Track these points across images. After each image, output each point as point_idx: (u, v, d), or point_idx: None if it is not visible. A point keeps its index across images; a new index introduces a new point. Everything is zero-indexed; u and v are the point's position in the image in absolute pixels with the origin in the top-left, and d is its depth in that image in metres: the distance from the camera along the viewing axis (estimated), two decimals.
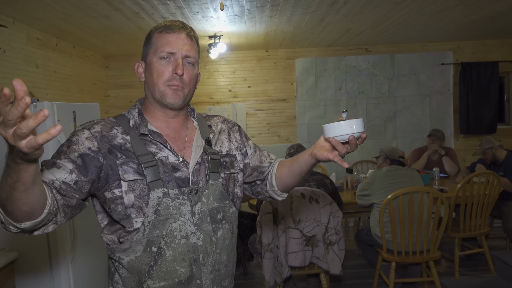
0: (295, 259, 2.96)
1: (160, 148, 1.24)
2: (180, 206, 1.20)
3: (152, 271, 1.19)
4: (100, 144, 1.19)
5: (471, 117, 5.64)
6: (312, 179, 3.14)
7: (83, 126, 1.22)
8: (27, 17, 3.49)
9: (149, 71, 1.27)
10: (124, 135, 1.23)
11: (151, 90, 1.27)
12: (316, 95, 5.75)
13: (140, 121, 1.27)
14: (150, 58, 1.27)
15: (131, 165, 1.19)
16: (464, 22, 4.50)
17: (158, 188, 1.18)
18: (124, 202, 1.18)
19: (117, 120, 1.27)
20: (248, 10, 3.61)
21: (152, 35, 1.29)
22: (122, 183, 1.18)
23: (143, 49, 1.31)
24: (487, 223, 3.77)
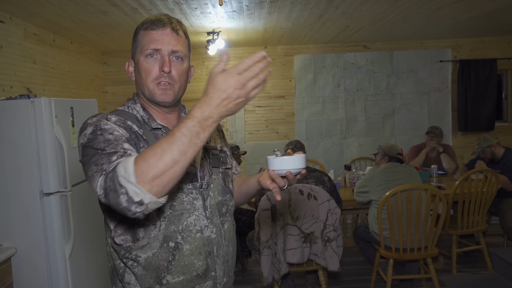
0: (293, 256, 2.96)
1: None
2: (193, 200, 1.22)
3: (171, 266, 1.18)
4: (127, 131, 1.16)
5: (469, 114, 5.64)
6: (310, 176, 3.14)
7: (99, 117, 1.16)
8: (24, 12, 3.47)
9: (138, 70, 1.25)
10: (138, 129, 1.20)
11: (141, 89, 1.26)
12: (315, 92, 5.75)
13: (148, 116, 1.25)
14: (138, 56, 1.24)
15: None
16: (462, 19, 4.49)
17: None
18: None
19: (122, 115, 1.22)
20: (246, 6, 3.60)
21: (138, 32, 1.26)
22: None
23: (132, 47, 1.29)
24: (484, 220, 3.79)
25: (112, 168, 0.99)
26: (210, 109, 0.93)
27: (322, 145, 5.79)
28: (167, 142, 0.94)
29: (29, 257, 2.74)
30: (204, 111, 0.93)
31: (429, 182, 4.14)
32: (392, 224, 3.13)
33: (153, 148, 0.95)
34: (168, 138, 0.95)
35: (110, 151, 1.05)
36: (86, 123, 1.17)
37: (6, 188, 2.72)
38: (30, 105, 2.69)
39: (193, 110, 0.95)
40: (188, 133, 0.93)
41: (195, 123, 0.93)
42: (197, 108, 0.94)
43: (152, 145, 0.97)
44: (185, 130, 0.93)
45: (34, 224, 2.72)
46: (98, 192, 1.02)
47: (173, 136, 0.94)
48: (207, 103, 0.93)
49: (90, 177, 1.06)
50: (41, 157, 2.68)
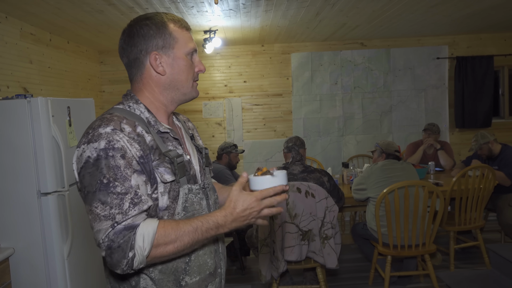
0: (292, 254, 2.97)
1: (175, 145, 1.24)
2: (200, 201, 1.25)
3: (188, 267, 1.21)
4: (141, 146, 1.12)
5: (466, 111, 5.65)
6: (310, 177, 3.14)
7: (112, 127, 1.10)
8: (20, 12, 3.46)
9: (177, 67, 1.23)
10: (146, 133, 1.16)
11: (177, 86, 1.24)
12: (312, 90, 5.75)
13: (155, 118, 1.22)
14: (179, 53, 1.22)
15: (167, 165, 1.16)
16: (459, 16, 4.50)
17: (184, 184, 1.21)
18: (159, 205, 1.15)
19: (127, 116, 1.18)
20: (243, 4, 3.59)
21: (170, 27, 1.22)
22: (159, 185, 1.14)
23: (155, 38, 1.21)
24: (482, 217, 3.80)
25: (128, 226, 1.04)
26: (231, 223, 1.12)
27: (319, 142, 5.79)
28: (189, 236, 1.09)
29: (27, 257, 2.74)
30: (226, 222, 1.12)
31: (427, 179, 4.15)
32: (390, 221, 3.14)
33: (177, 234, 1.07)
34: (191, 233, 1.09)
35: (120, 191, 1.05)
36: (97, 131, 1.10)
37: (3, 188, 2.71)
38: (26, 105, 2.68)
39: (219, 217, 1.12)
40: (206, 234, 1.11)
41: (215, 228, 1.11)
42: (223, 217, 1.11)
43: (176, 228, 1.08)
44: (206, 233, 1.11)
45: (32, 224, 2.72)
46: (100, 240, 1.03)
47: (195, 231, 1.09)
48: (233, 217, 1.12)
49: (94, 214, 1.05)
50: (38, 157, 2.68)
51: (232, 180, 3.98)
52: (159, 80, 1.23)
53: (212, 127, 5.77)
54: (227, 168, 4.11)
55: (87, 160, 1.07)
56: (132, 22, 1.25)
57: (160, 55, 1.21)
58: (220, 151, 4.19)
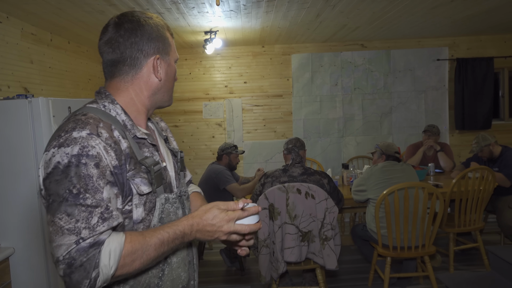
0: (291, 255, 2.97)
1: (152, 152, 1.16)
2: (176, 210, 1.19)
3: (161, 282, 1.14)
4: (117, 155, 1.03)
5: (466, 112, 5.66)
6: (310, 180, 3.14)
7: (88, 131, 1.00)
8: (21, 12, 3.46)
9: (169, 73, 1.21)
10: (123, 139, 1.08)
11: (164, 92, 1.21)
12: (312, 91, 5.75)
13: (132, 122, 1.14)
14: (171, 60, 1.21)
15: (143, 175, 1.08)
16: (459, 17, 4.50)
17: (161, 194, 1.14)
18: (133, 217, 1.07)
19: (102, 117, 1.08)
20: (244, 5, 3.60)
21: (166, 34, 1.20)
22: (134, 197, 1.07)
23: (156, 42, 1.16)
24: (481, 218, 3.80)
25: (93, 243, 0.94)
26: (196, 233, 1.06)
27: (319, 144, 5.79)
28: (155, 250, 1.02)
29: (27, 257, 2.74)
30: (192, 231, 1.06)
31: (426, 180, 4.15)
32: (390, 222, 3.14)
33: (143, 249, 1.00)
34: (158, 246, 1.02)
35: (90, 203, 0.95)
36: (71, 135, 0.99)
37: (3, 188, 2.72)
38: (27, 105, 2.69)
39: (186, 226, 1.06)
40: (172, 244, 1.05)
41: (181, 237, 1.06)
42: (189, 226, 1.06)
43: (143, 242, 1.00)
44: (172, 243, 1.05)
45: (32, 224, 2.72)
46: (60, 256, 0.92)
47: (161, 244, 1.02)
48: (199, 228, 1.06)
49: (57, 227, 0.94)
50: (39, 157, 2.68)
51: (232, 181, 3.98)
52: (153, 84, 1.17)
53: (212, 127, 5.78)
54: (227, 169, 4.11)
55: (56, 166, 0.97)
56: (132, 16, 1.15)
57: (160, 59, 1.17)
58: (220, 152, 4.19)
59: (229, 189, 3.95)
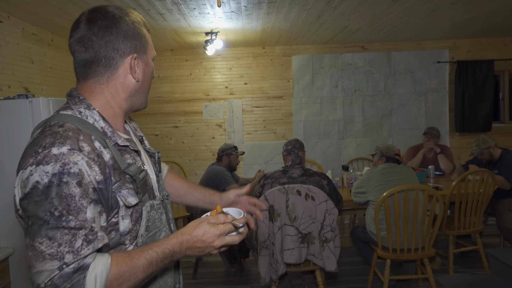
0: (291, 256, 2.97)
1: (133, 157, 1.10)
2: (161, 216, 1.15)
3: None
4: (101, 169, 0.96)
5: (466, 115, 5.66)
6: (309, 181, 3.14)
7: (69, 147, 0.92)
8: (22, 12, 3.46)
9: (147, 73, 1.12)
10: (104, 149, 1.00)
11: (141, 93, 1.13)
12: (313, 93, 5.76)
13: (111, 129, 1.06)
14: (149, 58, 1.12)
15: (129, 186, 1.02)
16: (460, 20, 4.51)
17: (146, 202, 1.08)
18: (120, 229, 1.02)
19: (81, 127, 1.00)
20: (245, 6, 3.60)
21: (143, 31, 1.11)
22: (121, 209, 1.01)
23: (136, 41, 1.08)
24: (481, 221, 3.80)
25: (77, 268, 0.87)
26: (186, 250, 1.02)
27: (320, 145, 5.79)
28: (144, 272, 0.96)
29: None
30: (181, 249, 1.02)
31: (426, 182, 4.15)
32: (390, 224, 3.14)
33: (131, 272, 0.94)
34: (146, 267, 0.96)
35: (74, 225, 0.88)
36: (50, 152, 0.90)
37: (3, 187, 2.72)
38: (28, 104, 2.69)
39: (175, 244, 1.01)
40: (161, 264, 1.00)
41: (170, 256, 1.01)
42: (179, 244, 1.01)
43: (130, 264, 0.94)
44: (161, 263, 0.99)
45: None
46: (42, 284, 0.85)
47: (150, 265, 0.97)
48: (189, 245, 1.02)
49: (37, 251, 0.86)
50: None
51: (232, 182, 3.98)
52: (130, 85, 1.09)
53: (213, 128, 5.78)
54: (227, 170, 4.11)
55: (35, 186, 0.89)
56: (106, 11, 1.07)
57: (137, 59, 1.09)
58: (220, 153, 4.19)
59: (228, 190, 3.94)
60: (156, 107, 5.72)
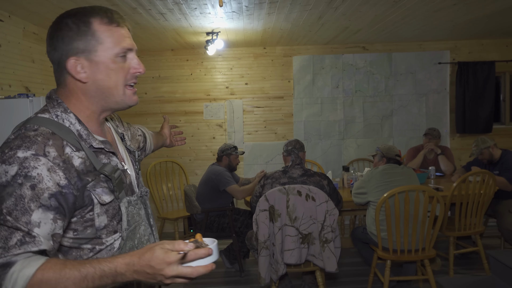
0: (291, 257, 2.96)
1: (109, 157, 1.14)
2: (139, 211, 1.18)
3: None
4: (67, 174, 0.99)
5: (467, 116, 5.65)
6: (310, 181, 3.14)
7: (33, 152, 0.96)
8: (23, 11, 3.46)
9: (105, 72, 1.08)
10: (77, 152, 1.04)
11: (106, 93, 1.10)
12: (313, 93, 5.75)
13: (87, 132, 1.09)
14: (103, 56, 1.07)
15: (103, 185, 1.07)
16: (461, 21, 4.50)
17: (123, 198, 1.12)
18: (95, 225, 1.06)
19: (55, 131, 1.04)
20: (246, 7, 3.60)
21: (94, 26, 1.07)
22: (95, 206, 1.05)
23: (76, 41, 1.07)
24: (482, 222, 3.79)
25: (3, 263, 0.90)
26: (133, 273, 0.93)
27: (320, 146, 5.79)
28: (75, 285, 0.91)
29: None
30: (127, 271, 0.92)
31: (427, 183, 4.14)
32: (390, 225, 3.13)
33: (58, 281, 0.90)
34: (78, 280, 0.91)
35: (12, 225, 0.92)
36: (15, 154, 0.96)
37: None
38: (28, 104, 2.69)
39: (120, 264, 0.92)
40: (100, 281, 0.92)
41: (112, 276, 0.92)
42: (125, 265, 0.92)
43: (60, 273, 0.91)
44: (99, 281, 0.92)
45: None
46: None
47: (83, 279, 0.91)
48: (135, 269, 0.92)
49: None
50: None
51: (232, 182, 3.98)
52: (83, 87, 1.09)
53: (213, 128, 5.78)
54: (227, 170, 4.11)
55: None
56: (55, 19, 1.11)
57: (81, 60, 1.07)
58: (220, 153, 4.19)
59: (229, 190, 3.94)
60: (157, 107, 5.72)
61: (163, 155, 5.70)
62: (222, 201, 4.05)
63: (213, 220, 4.03)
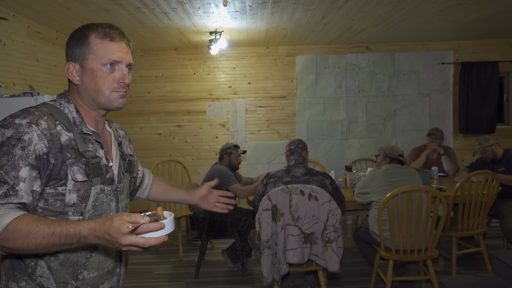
0: (294, 256, 2.97)
1: (96, 148, 1.31)
2: (110, 202, 1.32)
3: (88, 263, 1.27)
4: (50, 144, 1.18)
5: (470, 116, 5.64)
6: (312, 180, 3.14)
7: (28, 120, 1.17)
8: (27, 10, 3.48)
9: (91, 77, 1.28)
10: (67, 132, 1.24)
11: (92, 95, 1.29)
12: (316, 93, 5.75)
13: (80, 119, 1.29)
14: (91, 63, 1.27)
15: (81, 165, 1.23)
16: (465, 21, 4.50)
17: (97, 184, 1.26)
18: (65, 200, 1.21)
19: (53, 113, 1.26)
20: (249, 6, 3.60)
21: (90, 39, 1.28)
22: (69, 183, 1.20)
23: (73, 48, 1.30)
24: (484, 223, 3.79)
25: None
26: (95, 238, 1.06)
27: (323, 145, 5.79)
28: (43, 238, 1.07)
29: None
30: (90, 235, 1.06)
31: (430, 184, 4.14)
32: (393, 225, 3.13)
33: (29, 231, 1.06)
34: (47, 235, 1.07)
35: (1, 177, 1.10)
36: (14, 120, 1.17)
37: None
38: (33, 102, 2.70)
39: (84, 228, 1.06)
40: (65, 240, 1.07)
41: (76, 237, 1.07)
42: (87, 230, 1.06)
43: (32, 225, 1.07)
44: (65, 239, 1.07)
45: None
46: None
47: (51, 235, 1.07)
48: (96, 234, 1.05)
49: None
50: None
51: (235, 181, 3.98)
52: (76, 88, 1.31)
53: (216, 128, 5.78)
54: (229, 169, 4.11)
55: None
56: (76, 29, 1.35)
57: (75, 65, 1.29)
58: (221, 152, 4.19)
59: (231, 189, 3.95)
60: (160, 106, 5.73)
61: (165, 154, 5.72)
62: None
63: (216, 219, 4.03)
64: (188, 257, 4.65)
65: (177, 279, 4.04)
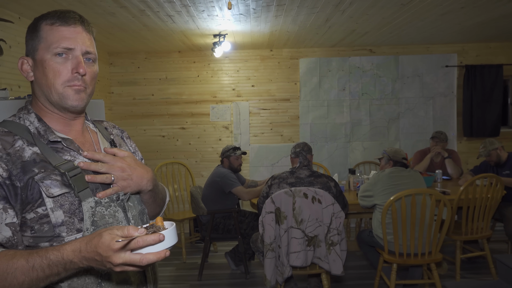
0: (297, 259, 2.96)
1: (73, 155, 1.11)
2: (115, 213, 1.10)
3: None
4: (9, 165, 1.00)
5: (474, 119, 5.63)
6: (317, 182, 3.14)
7: None
8: (33, 12, 3.50)
9: (41, 70, 1.10)
10: (31, 147, 1.05)
11: (45, 92, 1.10)
12: (320, 96, 5.75)
13: (45, 127, 1.11)
14: (42, 54, 1.09)
15: (54, 178, 1.03)
16: (469, 24, 4.49)
17: (88, 197, 1.06)
18: (51, 221, 1.02)
19: (12, 129, 1.08)
20: (253, 9, 3.61)
21: (40, 26, 1.11)
22: (46, 200, 1.01)
23: (27, 42, 1.13)
24: (489, 226, 3.77)
25: None
26: (82, 260, 0.90)
27: (326, 148, 5.79)
28: (24, 274, 0.90)
29: None
30: (75, 257, 0.90)
31: (434, 187, 4.13)
32: (396, 228, 3.12)
33: (6, 271, 0.90)
34: (27, 270, 0.90)
35: None
36: None
37: None
38: None
39: (67, 251, 0.90)
40: (50, 270, 0.90)
41: (61, 264, 0.90)
42: (71, 252, 0.90)
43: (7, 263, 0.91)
44: (49, 270, 0.90)
45: None
46: None
47: (32, 269, 0.90)
48: (83, 255, 0.89)
49: None
50: None
51: (237, 184, 3.98)
52: (33, 86, 1.15)
53: (219, 130, 5.79)
54: (231, 172, 4.11)
55: None
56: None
57: (28, 60, 1.13)
58: (221, 155, 4.20)
59: (235, 192, 3.95)
60: (163, 109, 5.74)
61: (169, 156, 5.73)
62: (228, 203, 4.06)
63: (219, 222, 4.03)
64: (191, 259, 4.65)
65: (180, 281, 4.05)
